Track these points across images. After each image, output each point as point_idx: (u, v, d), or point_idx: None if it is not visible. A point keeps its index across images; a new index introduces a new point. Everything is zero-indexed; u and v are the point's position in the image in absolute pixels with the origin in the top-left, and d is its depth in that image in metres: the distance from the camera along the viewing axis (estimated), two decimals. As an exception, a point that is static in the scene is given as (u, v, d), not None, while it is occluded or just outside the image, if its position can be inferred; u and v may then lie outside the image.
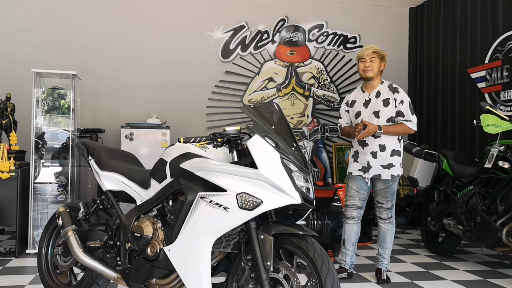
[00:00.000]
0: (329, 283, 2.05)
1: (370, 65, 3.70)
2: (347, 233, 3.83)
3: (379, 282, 3.75)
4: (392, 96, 3.70)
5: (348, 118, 3.90)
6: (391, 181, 3.72)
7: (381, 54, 3.74)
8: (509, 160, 3.86)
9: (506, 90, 5.25)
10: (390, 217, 3.79)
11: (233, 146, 2.35)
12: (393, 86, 3.76)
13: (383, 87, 3.76)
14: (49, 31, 6.02)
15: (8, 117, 4.81)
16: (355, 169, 3.78)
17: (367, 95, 3.78)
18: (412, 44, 7.12)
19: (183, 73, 6.37)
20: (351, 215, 3.81)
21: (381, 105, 3.70)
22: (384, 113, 3.68)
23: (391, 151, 3.70)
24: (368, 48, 3.75)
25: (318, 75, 6.82)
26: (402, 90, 3.75)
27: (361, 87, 3.87)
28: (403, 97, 3.70)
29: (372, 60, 3.71)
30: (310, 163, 6.68)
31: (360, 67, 3.76)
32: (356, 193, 3.79)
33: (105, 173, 2.91)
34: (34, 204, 4.65)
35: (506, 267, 4.32)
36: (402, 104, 3.68)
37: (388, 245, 3.82)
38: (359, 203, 3.80)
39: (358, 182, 3.78)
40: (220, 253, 2.39)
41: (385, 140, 3.68)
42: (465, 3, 6.03)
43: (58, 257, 3.09)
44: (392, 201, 3.78)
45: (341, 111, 3.95)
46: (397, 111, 3.68)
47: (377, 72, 3.73)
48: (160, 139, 5.58)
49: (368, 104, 3.75)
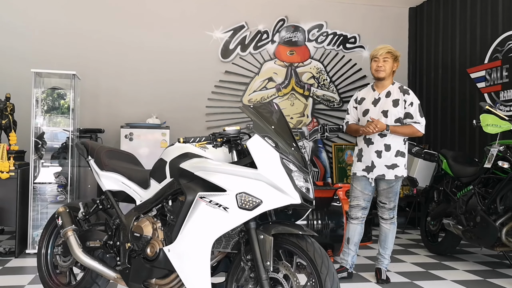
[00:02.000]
0: (329, 283, 2.05)
1: (383, 65, 3.69)
2: (350, 233, 3.83)
3: (378, 282, 3.75)
4: (402, 98, 3.69)
5: (356, 114, 3.88)
6: (394, 182, 3.72)
7: (395, 55, 3.73)
8: (508, 160, 3.86)
9: (506, 90, 5.26)
10: (392, 218, 3.79)
11: (232, 146, 2.35)
12: (404, 87, 3.75)
13: (394, 87, 3.75)
14: (48, 31, 6.02)
15: (7, 117, 4.81)
16: (359, 169, 3.78)
17: (377, 94, 3.78)
18: (411, 44, 7.13)
19: (183, 73, 6.37)
20: (355, 215, 3.81)
21: (390, 105, 3.69)
22: (393, 113, 3.68)
23: (396, 152, 3.69)
24: (382, 47, 3.72)
25: (317, 75, 6.82)
26: (412, 93, 3.74)
27: (371, 86, 3.87)
28: (413, 99, 3.69)
29: (386, 60, 3.70)
30: (309, 163, 6.68)
31: (372, 66, 3.75)
32: (360, 194, 3.79)
33: (104, 173, 2.91)
34: (33, 204, 4.65)
35: (506, 267, 4.32)
36: (411, 106, 3.67)
37: (389, 245, 3.82)
38: (363, 204, 3.80)
39: (363, 183, 3.77)
40: (219, 253, 2.39)
41: (391, 140, 3.68)
42: (464, 3, 6.03)
43: (57, 257, 3.09)
44: (394, 202, 3.78)
45: (349, 107, 3.93)
46: (406, 113, 3.68)
47: (389, 72, 3.73)
48: (160, 139, 5.58)
49: (377, 102, 3.75)
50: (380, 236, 3.85)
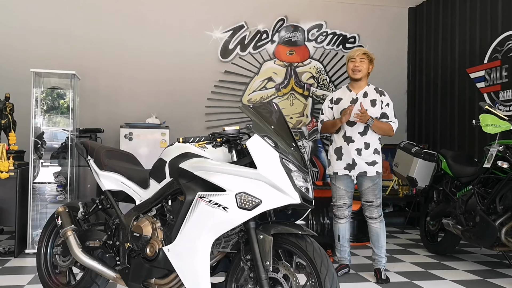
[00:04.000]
0: (328, 283, 2.05)
1: (360, 65, 3.83)
2: (341, 232, 3.92)
3: (378, 282, 3.75)
4: (379, 98, 3.85)
5: (331, 114, 3.99)
6: (377, 178, 3.84)
7: (371, 57, 3.89)
8: (508, 160, 3.86)
9: (505, 90, 5.26)
10: (380, 215, 3.87)
11: (232, 146, 2.35)
12: (379, 89, 3.93)
13: (369, 88, 3.91)
14: (48, 30, 6.01)
15: (7, 117, 4.81)
16: (340, 168, 3.86)
17: (354, 94, 3.91)
18: (411, 44, 7.13)
19: (182, 73, 6.37)
20: (343, 214, 3.90)
21: (369, 105, 3.83)
22: (371, 113, 3.80)
23: (374, 149, 3.84)
24: (358, 49, 3.91)
25: (317, 75, 6.82)
26: (387, 94, 3.91)
27: (347, 87, 4.00)
28: (389, 100, 3.89)
29: (362, 60, 3.84)
30: (309, 163, 6.68)
31: (349, 67, 3.88)
32: (345, 193, 3.89)
33: (104, 173, 2.91)
34: (33, 204, 4.65)
35: (505, 267, 4.33)
36: (388, 107, 3.85)
37: (382, 244, 3.88)
38: (349, 202, 3.91)
39: (345, 182, 3.87)
40: (219, 253, 2.38)
41: (369, 139, 3.82)
42: (464, 3, 6.03)
43: (57, 257, 3.09)
44: (380, 198, 3.88)
45: (323, 107, 4.04)
46: (382, 113, 3.84)
47: (365, 73, 3.88)
48: (159, 139, 5.58)
49: (355, 102, 3.86)
50: (372, 236, 3.89)
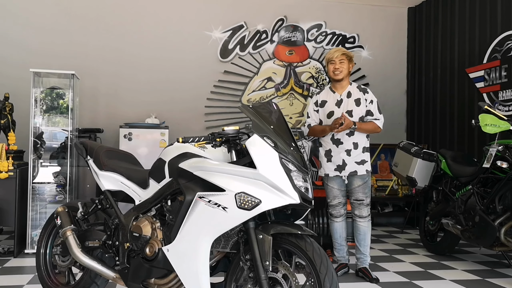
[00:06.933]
0: (328, 282, 2.05)
1: (340, 67, 3.84)
2: (338, 231, 3.96)
3: (372, 281, 3.73)
4: (362, 96, 3.88)
5: (318, 117, 3.99)
6: (367, 176, 3.88)
7: (350, 56, 3.90)
8: (507, 160, 3.86)
9: (505, 90, 5.26)
10: (369, 214, 3.91)
11: (231, 146, 2.35)
12: (362, 87, 3.96)
13: (352, 87, 3.93)
14: (48, 30, 6.01)
15: (6, 117, 4.81)
16: (331, 170, 3.89)
17: (338, 96, 3.92)
18: (410, 43, 7.13)
19: (182, 73, 6.37)
20: (339, 213, 3.94)
21: (354, 105, 3.86)
22: (356, 113, 3.84)
23: (362, 148, 3.88)
24: (336, 50, 3.90)
25: (316, 75, 6.83)
26: (370, 91, 3.94)
27: (329, 88, 4.00)
28: (372, 97, 3.91)
29: (342, 61, 3.85)
30: (309, 163, 6.68)
31: (330, 69, 3.89)
32: (339, 192, 3.92)
33: (103, 173, 2.91)
34: (32, 204, 4.65)
35: (505, 267, 4.33)
36: (372, 104, 3.87)
37: (368, 242, 3.93)
38: (344, 200, 3.95)
39: (338, 181, 3.91)
40: (218, 253, 2.39)
41: (357, 138, 3.85)
42: (463, 3, 6.04)
43: (56, 257, 3.09)
44: (369, 197, 3.92)
45: (309, 111, 4.04)
46: (367, 111, 3.87)
47: (346, 73, 3.89)
48: (159, 139, 5.58)
49: (340, 104, 3.88)
50: (359, 235, 3.90)
